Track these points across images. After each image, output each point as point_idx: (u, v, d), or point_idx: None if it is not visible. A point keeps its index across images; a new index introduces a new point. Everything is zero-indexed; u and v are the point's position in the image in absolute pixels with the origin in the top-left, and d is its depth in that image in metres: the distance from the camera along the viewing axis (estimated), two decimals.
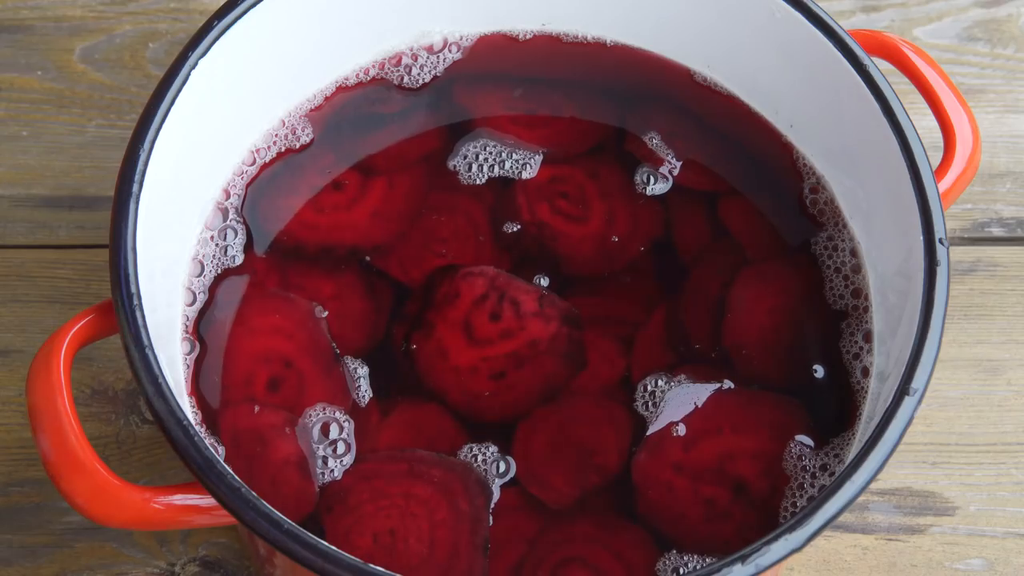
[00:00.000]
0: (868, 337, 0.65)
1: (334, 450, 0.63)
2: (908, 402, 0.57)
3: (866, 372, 0.65)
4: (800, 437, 0.63)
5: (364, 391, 0.64)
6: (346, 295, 0.66)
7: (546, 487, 0.62)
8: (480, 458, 0.63)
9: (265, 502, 0.54)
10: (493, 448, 0.63)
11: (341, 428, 0.63)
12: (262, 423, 0.63)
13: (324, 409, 0.63)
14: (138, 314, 0.58)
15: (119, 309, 0.58)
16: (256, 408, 0.63)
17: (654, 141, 0.71)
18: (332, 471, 0.62)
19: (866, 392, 0.64)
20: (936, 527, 0.76)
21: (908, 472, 0.77)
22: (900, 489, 0.77)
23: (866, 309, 0.66)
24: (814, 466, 0.63)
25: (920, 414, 0.64)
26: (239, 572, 0.74)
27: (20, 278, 0.81)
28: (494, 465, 0.63)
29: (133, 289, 0.58)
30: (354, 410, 0.64)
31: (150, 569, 0.74)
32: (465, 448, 0.63)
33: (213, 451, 0.55)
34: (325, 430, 0.63)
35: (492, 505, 0.62)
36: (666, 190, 0.70)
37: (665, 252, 0.69)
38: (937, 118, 0.67)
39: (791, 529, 0.54)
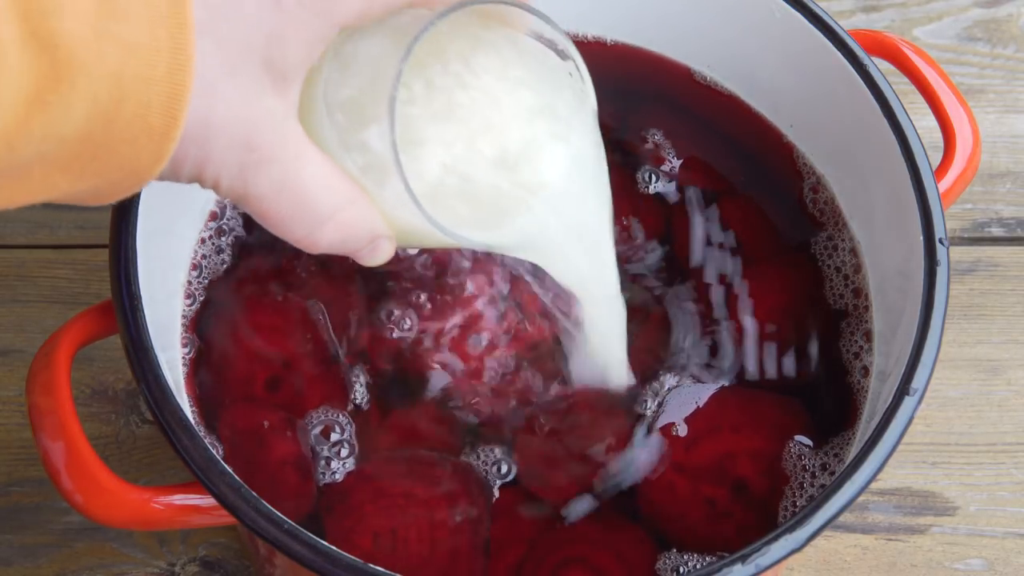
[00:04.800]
0: (868, 336, 0.65)
1: (334, 451, 0.63)
2: (908, 402, 0.57)
3: (866, 372, 0.65)
4: (800, 437, 0.63)
5: (364, 392, 0.64)
6: (346, 295, 0.66)
7: (546, 487, 0.62)
8: (480, 459, 0.63)
9: (265, 502, 0.54)
10: (493, 448, 0.63)
11: (342, 429, 0.63)
12: (261, 423, 0.63)
13: (324, 410, 0.63)
14: (138, 314, 0.58)
15: (119, 309, 0.58)
16: (254, 410, 0.63)
17: (654, 140, 0.71)
18: (332, 471, 0.62)
19: (866, 392, 0.64)
20: (936, 527, 0.76)
21: (908, 472, 0.77)
22: (900, 489, 0.77)
23: (866, 308, 0.66)
24: (814, 465, 0.63)
25: (920, 414, 0.64)
26: (239, 572, 0.73)
27: (20, 278, 0.81)
28: (494, 466, 0.63)
29: (133, 289, 0.58)
30: (354, 411, 0.64)
31: (150, 569, 0.73)
32: (465, 449, 0.63)
33: (213, 451, 0.55)
34: (326, 431, 0.63)
35: (492, 505, 0.62)
36: (666, 189, 0.70)
37: (665, 251, 0.69)
38: (937, 118, 0.67)
39: (791, 529, 0.54)
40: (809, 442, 0.63)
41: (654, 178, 0.70)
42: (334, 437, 0.63)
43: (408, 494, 0.62)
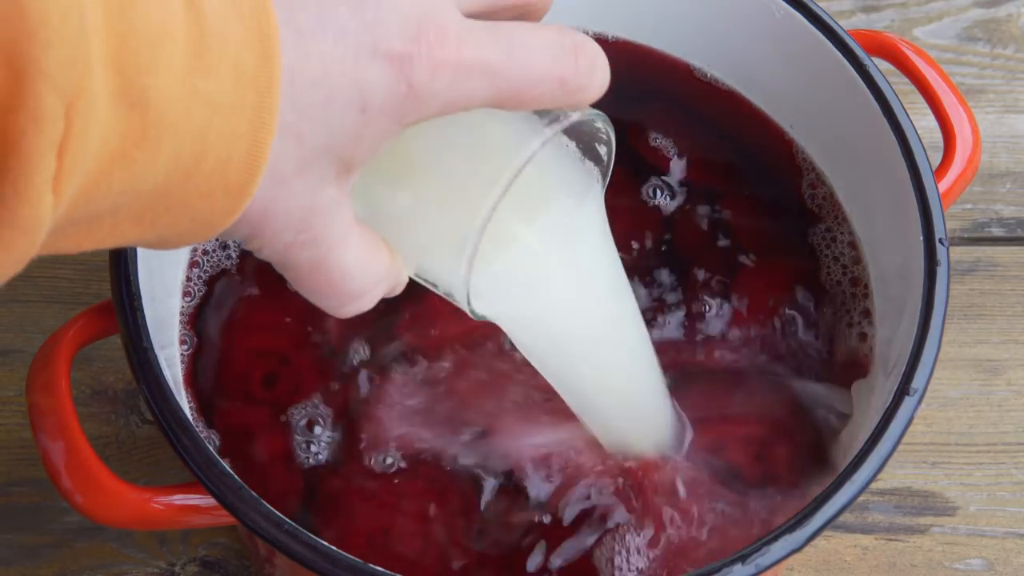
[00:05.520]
0: (869, 316, 0.65)
1: (325, 447, 0.63)
2: (908, 402, 0.57)
3: (867, 360, 0.65)
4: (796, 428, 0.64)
5: (359, 387, 0.64)
6: None
7: (539, 484, 0.62)
8: (472, 456, 0.63)
9: (265, 502, 0.54)
10: (486, 442, 0.63)
11: (333, 427, 0.63)
12: (253, 420, 0.63)
13: (316, 406, 0.63)
14: (138, 314, 0.58)
15: (119, 309, 0.58)
16: (250, 406, 0.63)
17: (655, 137, 0.71)
18: (323, 468, 0.62)
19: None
20: (936, 527, 0.76)
21: (908, 472, 0.77)
22: (900, 489, 0.77)
23: (865, 295, 0.66)
24: None
25: (920, 414, 0.64)
26: (239, 572, 0.73)
27: (20, 278, 0.80)
28: (486, 460, 0.63)
29: (133, 289, 0.58)
30: (347, 406, 0.64)
31: (150, 569, 0.73)
32: (458, 443, 0.63)
33: (213, 451, 0.55)
34: (311, 425, 0.63)
35: (484, 502, 0.62)
36: (667, 186, 0.70)
37: (666, 247, 0.69)
38: (937, 118, 0.67)
39: (791, 529, 0.54)
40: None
41: (654, 175, 0.70)
42: (326, 435, 0.63)
43: (400, 492, 0.62)
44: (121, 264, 0.59)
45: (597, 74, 0.46)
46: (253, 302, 0.66)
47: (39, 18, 0.33)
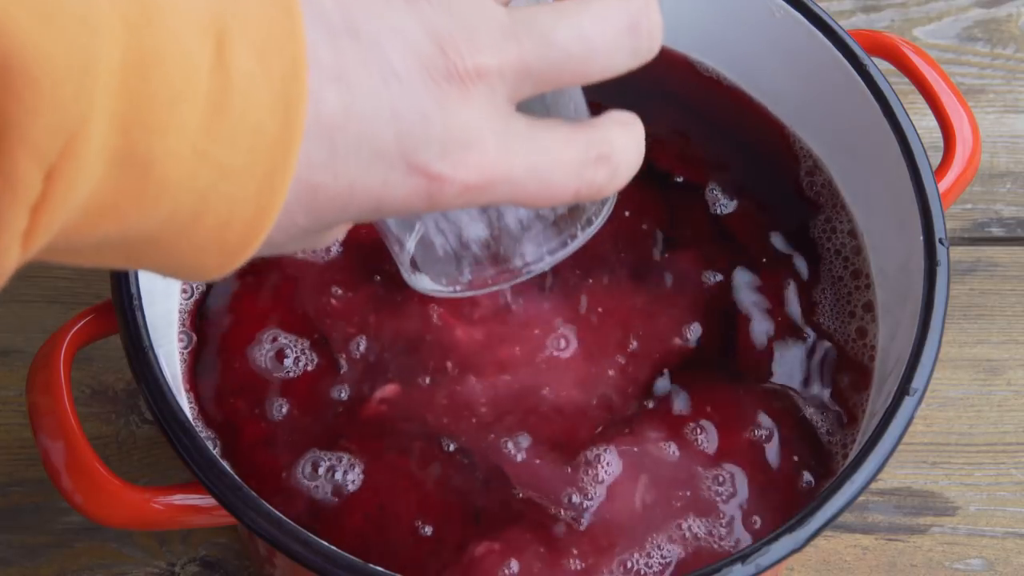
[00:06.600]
0: (873, 316, 0.65)
1: (320, 434, 0.63)
2: (908, 402, 0.57)
3: (870, 364, 0.65)
4: (797, 430, 0.64)
5: (354, 375, 0.64)
6: (342, 281, 0.67)
7: (528, 474, 0.62)
8: (464, 430, 0.63)
9: (265, 502, 0.54)
10: (477, 418, 0.63)
11: (328, 406, 0.63)
12: (252, 417, 0.63)
13: (312, 394, 0.63)
14: (138, 314, 0.58)
15: (119, 309, 0.58)
16: (250, 400, 0.63)
17: (655, 133, 0.71)
18: (315, 452, 0.62)
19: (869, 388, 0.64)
20: (936, 527, 0.76)
21: (908, 472, 0.77)
22: (900, 489, 0.77)
23: (868, 287, 0.66)
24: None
25: (920, 414, 0.64)
26: (239, 572, 0.74)
27: (20, 278, 0.80)
28: (478, 434, 0.63)
29: (133, 289, 0.58)
30: (340, 389, 0.64)
31: (150, 569, 0.74)
32: (449, 418, 0.63)
33: (212, 451, 0.55)
34: (309, 410, 0.63)
35: (478, 476, 0.62)
36: (668, 183, 0.70)
37: (668, 246, 0.69)
38: (937, 118, 0.67)
39: (791, 529, 0.54)
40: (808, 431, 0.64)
41: (654, 172, 0.70)
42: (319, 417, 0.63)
43: (394, 468, 0.62)
44: None
45: (614, 182, 0.46)
46: (251, 297, 0.66)
47: (25, 82, 0.32)
